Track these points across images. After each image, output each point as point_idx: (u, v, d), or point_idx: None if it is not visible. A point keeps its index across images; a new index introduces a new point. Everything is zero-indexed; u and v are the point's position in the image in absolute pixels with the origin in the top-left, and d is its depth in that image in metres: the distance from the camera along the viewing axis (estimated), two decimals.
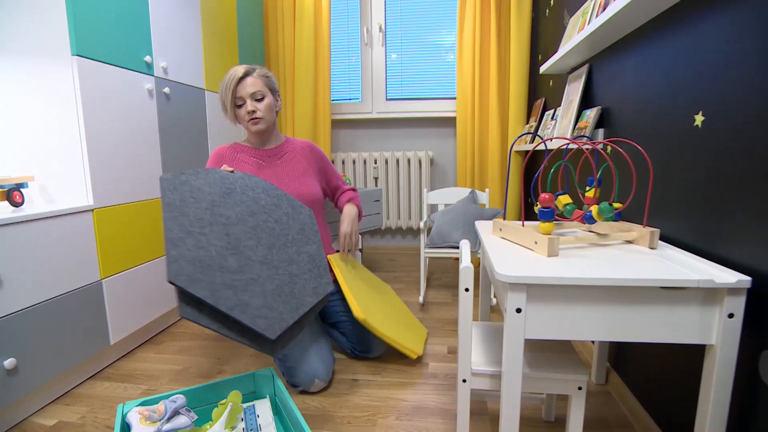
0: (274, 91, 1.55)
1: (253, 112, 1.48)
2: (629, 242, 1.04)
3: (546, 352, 1.04)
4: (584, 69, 1.67)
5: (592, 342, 1.59)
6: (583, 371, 0.96)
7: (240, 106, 1.49)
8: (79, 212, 1.48)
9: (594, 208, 1.07)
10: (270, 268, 1.12)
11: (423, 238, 2.18)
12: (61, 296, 1.40)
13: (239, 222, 1.14)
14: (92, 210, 1.53)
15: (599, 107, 1.48)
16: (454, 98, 3.07)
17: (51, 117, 1.49)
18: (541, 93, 2.48)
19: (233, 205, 1.16)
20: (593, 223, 1.07)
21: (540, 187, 1.12)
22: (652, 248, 0.98)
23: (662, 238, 1.12)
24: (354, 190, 1.77)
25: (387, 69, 3.15)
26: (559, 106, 2.00)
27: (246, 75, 1.47)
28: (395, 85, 3.16)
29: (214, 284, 1.02)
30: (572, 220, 1.15)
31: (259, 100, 1.49)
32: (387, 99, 3.17)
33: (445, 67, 3.09)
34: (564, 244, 1.01)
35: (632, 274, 0.79)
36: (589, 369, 1.55)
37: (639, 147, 0.99)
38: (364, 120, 3.21)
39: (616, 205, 1.07)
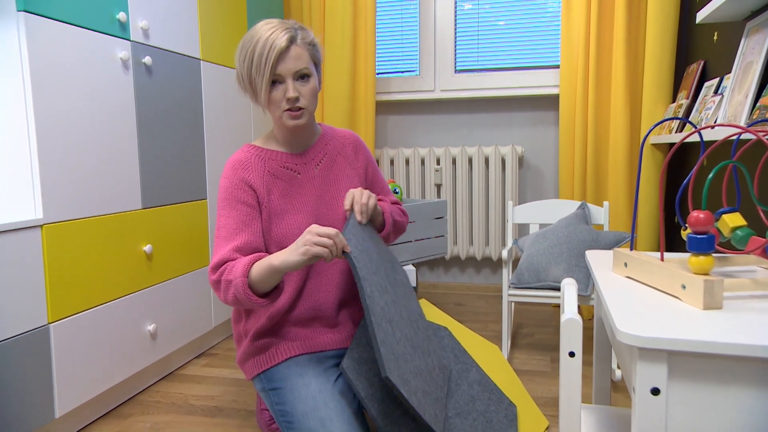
0: (317, 66, 1.55)
1: (296, 99, 1.46)
2: None
3: None
4: None
5: None
6: None
7: (274, 84, 1.47)
8: (22, 229, 1.54)
9: None
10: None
11: (507, 273, 2.17)
12: None
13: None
14: (41, 226, 1.59)
15: None
16: (557, 67, 3.04)
17: None
18: (698, 54, 2.44)
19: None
20: None
21: (691, 200, 1.07)
22: None
23: None
24: (398, 203, 1.75)
25: (456, 27, 3.16)
26: (729, 72, 1.97)
27: (290, 43, 1.45)
28: (468, 50, 3.16)
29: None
30: (747, 253, 1.10)
31: (303, 80, 1.48)
32: (456, 71, 3.17)
33: (544, 20, 3.05)
34: (732, 290, 0.97)
35: None
36: None
37: None
38: (422, 102, 3.22)
39: None
